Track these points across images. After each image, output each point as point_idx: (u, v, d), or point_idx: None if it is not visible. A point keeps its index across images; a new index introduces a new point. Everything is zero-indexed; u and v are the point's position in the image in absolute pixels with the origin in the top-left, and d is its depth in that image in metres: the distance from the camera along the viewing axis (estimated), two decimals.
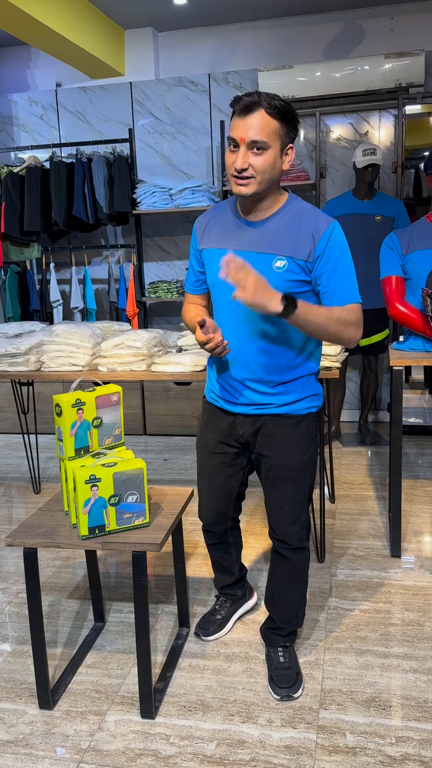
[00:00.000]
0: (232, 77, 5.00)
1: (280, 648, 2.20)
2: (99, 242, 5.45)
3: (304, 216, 1.89)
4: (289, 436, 2.02)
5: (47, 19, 4.05)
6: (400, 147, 4.56)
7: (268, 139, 1.77)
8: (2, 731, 2.00)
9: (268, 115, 1.76)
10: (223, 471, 2.18)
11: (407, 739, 1.89)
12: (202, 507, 2.29)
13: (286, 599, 2.17)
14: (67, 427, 2.07)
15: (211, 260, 1.99)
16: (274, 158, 1.81)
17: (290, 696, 2.07)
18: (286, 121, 1.79)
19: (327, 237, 1.85)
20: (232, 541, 2.37)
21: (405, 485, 3.82)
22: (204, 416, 2.20)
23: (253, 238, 1.91)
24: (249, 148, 1.78)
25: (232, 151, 1.81)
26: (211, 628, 2.42)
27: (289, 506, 2.07)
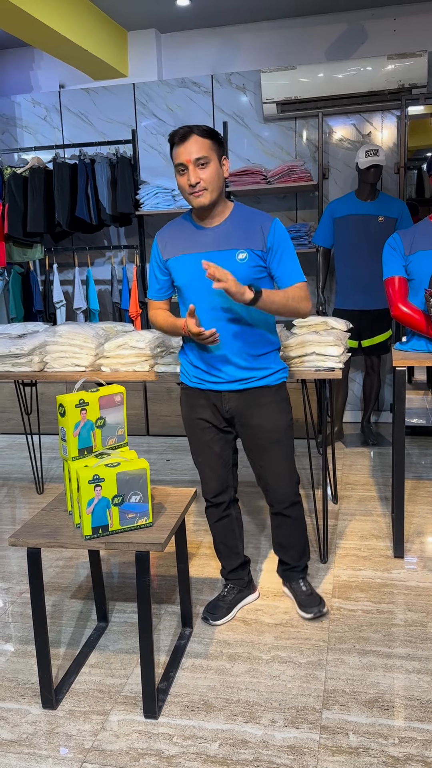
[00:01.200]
0: (234, 78, 5.00)
1: (300, 580, 2.61)
2: (102, 243, 5.46)
3: (251, 217, 2.29)
4: (272, 403, 2.38)
5: (50, 21, 4.06)
6: (402, 148, 4.56)
7: (208, 153, 2.16)
8: (6, 731, 2.01)
9: (200, 137, 2.15)
10: (217, 442, 2.44)
11: (410, 739, 1.89)
12: (205, 481, 2.51)
13: (295, 543, 2.56)
14: (70, 428, 2.08)
15: (179, 266, 2.31)
16: (216, 169, 2.19)
17: (321, 612, 2.50)
18: (216, 139, 2.19)
19: (273, 231, 2.25)
20: (235, 514, 2.57)
21: (408, 486, 3.82)
22: (188, 401, 2.45)
23: (213, 239, 2.26)
24: (195, 165, 2.16)
25: (182, 173, 2.18)
26: (218, 612, 2.51)
27: (284, 467, 2.43)
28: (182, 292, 2.34)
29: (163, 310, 2.46)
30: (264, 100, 4.78)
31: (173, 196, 4.86)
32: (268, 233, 2.24)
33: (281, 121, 4.97)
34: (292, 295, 2.26)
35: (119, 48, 5.09)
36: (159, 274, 2.41)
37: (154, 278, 2.42)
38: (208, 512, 2.56)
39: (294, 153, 5.01)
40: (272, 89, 4.72)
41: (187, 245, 2.29)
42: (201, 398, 2.40)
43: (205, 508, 2.58)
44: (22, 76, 5.59)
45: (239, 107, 5.04)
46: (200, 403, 2.41)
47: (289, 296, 2.25)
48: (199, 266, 2.25)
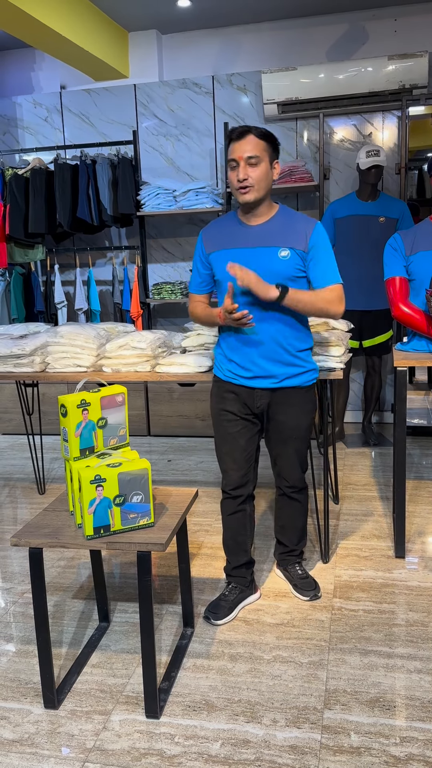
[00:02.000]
0: (235, 79, 5.01)
1: (297, 564, 2.75)
2: (103, 244, 5.47)
3: (295, 219, 2.39)
4: (300, 404, 2.49)
5: (51, 22, 4.07)
6: (403, 148, 4.56)
7: (260, 154, 2.26)
8: (8, 731, 2.01)
9: (256, 138, 2.26)
10: (243, 435, 2.51)
11: (412, 739, 1.90)
12: (226, 474, 2.56)
13: (296, 527, 2.70)
14: (72, 428, 2.08)
15: (221, 259, 2.40)
16: (266, 170, 2.30)
17: (317, 596, 2.64)
18: (271, 142, 2.30)
19: (315, 234, 2.35)
20: (249, 510, 2.61)
21: (409, 486, 3.82)
22: (219, 393, 2.53)
23: (257, 237, 2.36)
24: (246, 162, 2.26)
25: (233, 168, 2.29)
26: (220, 612, 2.52)
27: (298, 458, 2.58)
28: (221, 285, 2.43)
29: (202, 302, 2.57)
30: (265, 101, 4.78)
31: (174, 197, 4.86)
32: (311, 235, 2.34)
33: (282, 121, 4.97)
34: (323, 297, 2.35)
35: (120, 49, 5.10)
36: (201, 268, 2.50)
37: (197, 272, 2.53)
38: (224, 504, 2.60)
39: (295, 153, 5.02)
40: (273, 90, 4.72)
41: (230, 241, 2.39)
42: (232, 391, 2.49)
43: (221, 500, 2.62)
44: (24, 77, 5.60)
45: (240, 108, 5.05)
46: (230, 396, 2.49)
47: (318, 297, 2.34)
48: (239, 260, 2.35)
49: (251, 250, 2.35)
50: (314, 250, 2.34)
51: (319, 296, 2.34)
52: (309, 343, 2.51)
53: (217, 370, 2.56)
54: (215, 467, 4.34)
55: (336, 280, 2.37)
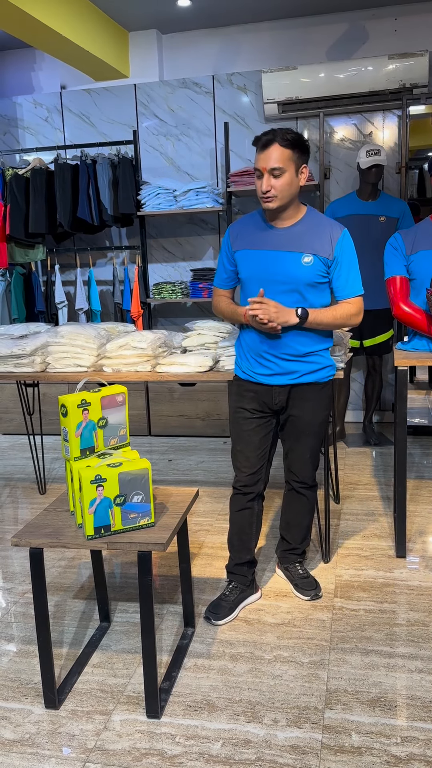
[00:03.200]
0: (236, 79, 5.01)
1: (298, 563, 2.75)
2: (104, 244, 5.47)
3: (322, 224, 2.38)
4: (316, 399, 2.51)
5: (51, 22, 4.07)
6: (404, 147, 4.56)
7: (284, 165, 2.26)
8: (8, 731, 2.01)
9: (281, 147, 2.25)
10: (258, 432, 2.53)
11: (413, 739, 1.89)
12: (239, 470, 2.58)
13: (301, 524, 2.70)
14: (72, 428, 2.08)
15: (245, 259, 2.43)
16: (291, 179, 2.29)
17: (317, 595, 2.64)
18: (298, 148, 2.28)
19: (341, 241, 2.36)
20: (257, 509, 2.62)
21: (410, 485, 3.82)
22: (238, 391, 2.57)
23: (281, 240, 2.37)
24: (270, 174, 2.27)
25: (259, 177, 2.31)
26: (221, 612, 2.51)
27: (310, 454, 2.59)
28: (244, 284, 2.47)
29: (226, 297, 2.59)
30: (265, 101, 4.78)
31: (174, 197, 4.86)
32: (337, 242, 2.35)
33: (282, 121, 4.97)
34: (343, 312, 2.39)
35: (120, 49, 5.10)
36: (227, 264, 2.52)
37: (222, 267, 2.55)
38: (233, 499, 2.61)
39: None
40: (273, 89, 4.72)
41: (256, 241, 2.40)
42: (250, 390, 2.51)
43: (231, 495, 2.63)
44: (24, 77, 5.60)
45: (240, 107, 5.05)
46: (249, 395, 2.52)
47: (337, 315, 2.38)
48: (262, 262, 2.37)
49: (275, 253, 2.36)
50: (339, 260, 2.36)
51: (338, 312, 2.38)
52: (329, 342, 2.52)
53: (237, 368, 2.59)
54: (216, 467, 4.34)
55: (358, 292, 2.40)
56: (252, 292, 2.42)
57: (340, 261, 2.36)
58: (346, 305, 2.41)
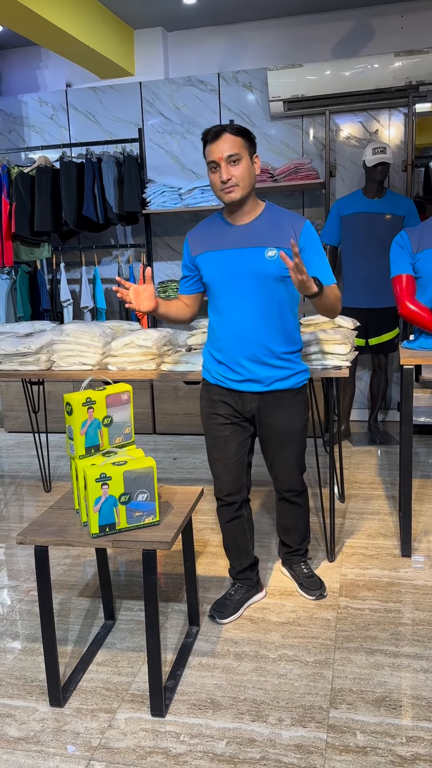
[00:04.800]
0: (241, 76, 5.00)
1: (302, 563, 2.72)
2: (109, 242, 5.47)
3: (283, 216, 2.31)
4: (291, 406, 2.43)
5: (57, 20, 4.07)
6: (410, 145, 4.54)
7: (239, 151, 2.20)
8: (13, 728, 2.01)
9: (232, 135, 2.19)
10: (235, 439, 2.46)
11: (418, 738, 1.89)
12: (218, 479, 2.51)
13: (297, 527, 2.67)
14: (77, 426, 2.08)
15: (206, 262, 2.35)
16: (248, 165, 2.23)
17: (322, 595, 2.62)
18: (247, 138, 2.23)
19: (305, 231, 2.28)
20: (246, 515, 2.57)
21: (415, 484, 3.81)
22: (207, 396, 2.48)
23: (243, 237, 2.30)
24: (227, 162, 2.19)
25: (214, 171, 2.22)
26: (226, 611, 2.50)
27: (294, 461, 2.52)
28: (210, 288, 2.38)
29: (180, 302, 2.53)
30: (271, 98, 4.77)
31: (180, 195, 4.86)
32: (300, 233, 2.26)
33: (288, 119, 4.96)
34: (335, 294, 2.33)
35: (126, 46, 5.09)
36: (185, 270, 2.48)
37: (183, 273, 2.51)
38: (220, 511, 2.56)
39: (301, 151, 5.00)
40: (279, 87, 4.71)
41: (216, 242, 2.33)
42: (221, 395, 2.43)
43: (216, 507, 2.58)
44: (29, 75, 5.60)
45: (246, 105, 5.04)
46: (219, 399, 2.44)
47: (334, 293, 2.33)
48: (226, 262, 2.30)
49: (237, 251, 2.28)
50: (306, 248, 2.27)
51: (334, 293, 2.32)
52: (298, 344, 2.45)
53: (205, 372, 2.50)
54: None
55: (333, 280, 2.33)
56: (219, 295, 2.34)
57: (308, 249, 2.27)
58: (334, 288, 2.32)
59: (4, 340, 3.25)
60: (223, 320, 2.35)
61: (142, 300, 2.30)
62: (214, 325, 2.41)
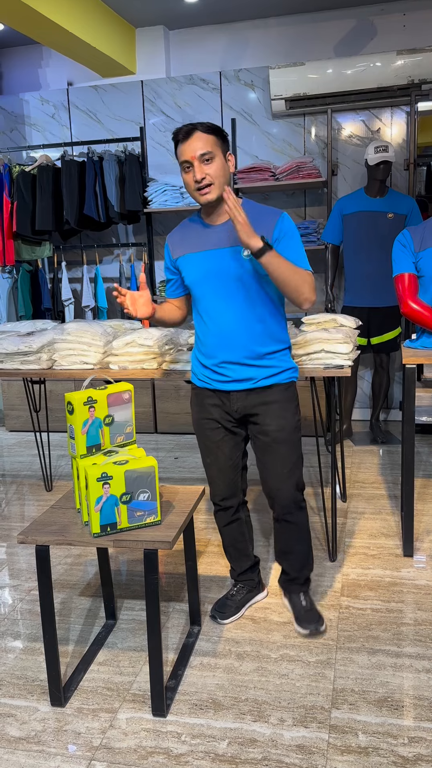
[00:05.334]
0: (243, 75, 4.99)
1: (301, 593, 2.48)
2: (110, 241, 5.46)
3: (260, 213, 2.24)
4: (281, 401, 2.32)
5: (59, 18, 4.06)
6: (412, 144, 4.53)
7: (212, 149, 2.14)
8: (14, 728, 2.01)
9: (204, 133, 2.14)
10: (227, 442, 2.40)
11: (420, 739, 1.88)
12: (213, 483, 2.47)
13: (296, 553, 2.45)
14: (79, 425, 2.08)
15: (186, 264, 2.31)
16: (222, 164, 2.17)
17: (318, 630, 2.38)
18: (219, 135, 2.17)
19: (281, 224, 2.21)
20: (244, 517, 2.53)
21: (417, 484, 3.80)
22: (197, 401, 2.42)
23: (220, 237, 2.24)
24: (200, 161, 2.13)
25: (187, 171, 2.17)
26: (227, 611, 2.50)
27: (287, 468, 2.34)
28: (192, 290, 2.34)
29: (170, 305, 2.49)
30: (272, 97, 4.75)
31: (181, 194, 4.85)
32: (275, 226, 2.20)
33: (290, 117, 4.95)
34: (300, 274, 2.18)
35: (127, 45, 5.08)
36: (168, 273, 2.45)
37: (166, 277, 2.48)
38: (217, 516, 2.52)
39: (303, 149, 4.99)
40: (281, 85, 4.70)
41: (194, 243, 2.29)
42: (210, 398, 2.37)
43: (213, 512, 2.54)
44: (31, 73, 5.59)
45: (247, 104, 5.03)
46: (209, 402, 2.38)
47: (297, 271, 2.17)
48: (206, 264, 2.25)
49: (214, 252, 2.23)
50: (282, 241, 2.20)
51: (297, 271, 2.17)
52: (284, 343, 2.36)
53: (193, 376, 2.44)
54: None
55: (307, 268, 2.22)
56: (200, 297, 2.29)
57: (282, 238, 2.19)
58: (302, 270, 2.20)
59: (6, 339, 3.25)
60: (205, 323, 2.31)
61: (139, 306, 2.26)
62: (197, 328, 2.37)
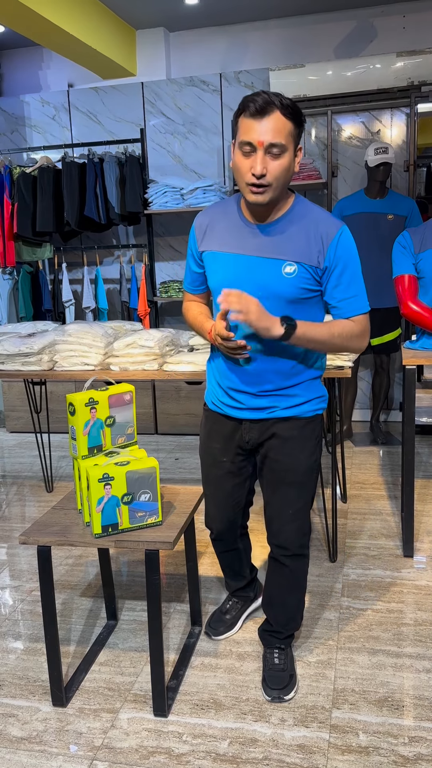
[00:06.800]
0: (243, 77, 5.00)
1: (276, 650, 2.17)
2: (111, 242, 5.47)
3: (313, 219, 1.86)
4: (296, 438, 1.99)
5: (59, 20, 4.07)
6: (412, 145, 4.54)
7: (286, 141, 1.73)
8: (16, 728, 2.01)
9: (283, 117, 1.70)
10: (230, 480, 2.13)
11: (420, 739, 1.89)
12: (209, 516, 2.24)
13: (284, 605, 2.15)
14: (80, 426, 2.08)
15: (214, 263, 1.94)
16: (290, 162, 1.77)
17: (281, 698, 2.06)
18: (297, 122, 1.75)
19: (336, 243, 1.83)
20: (242, 547, 2.35)
21: (417, 485, 3.81)
22: (207, 425, 2.15)
23: (261, 242, 1.86)
24: (266, 152, 1.72)
25: (247, 154, 1.74)
26: (221, 627, 2.42)
27: (292, 510, 2.04)
28: (215, 296, 1.98)
29: (197, 303, 2.14)
30: None
31: (182, 195, 4.86)
32: (329, 246, 1.82)
33: None
34: (341, 332, 1.86)
35: (128, 47, 5.09)
36: (194, 265, 2.05)
37: (189, 269, 2.08)
38: (213, 544, 2.32)
39: (303, 151, 5.00)
40: (281, 87, 4.70)
41: (228, 241, 1.90)
42: (220, 425, 2.09)
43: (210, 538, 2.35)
44: (32, 75, 5.60)
45: None
46: (218, 430, 2.10)
47: (335, 333, 1.85)
48: (233, 270, 1.88)
49: (249, 258, 1.86)
50: (334, 268, 1.84)
51: (338, 329, 1.86)
52: (320, 369, 2.03)
53: (206, 395, 2.14)
54: None
55: (364, 309, 1.88)
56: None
57: (336, 269, 1.83)
58: (349, 323, 1.88)
59: (7, 341, 3.25)
60: None
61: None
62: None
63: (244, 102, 1.72)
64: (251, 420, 2.01)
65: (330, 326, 1.86)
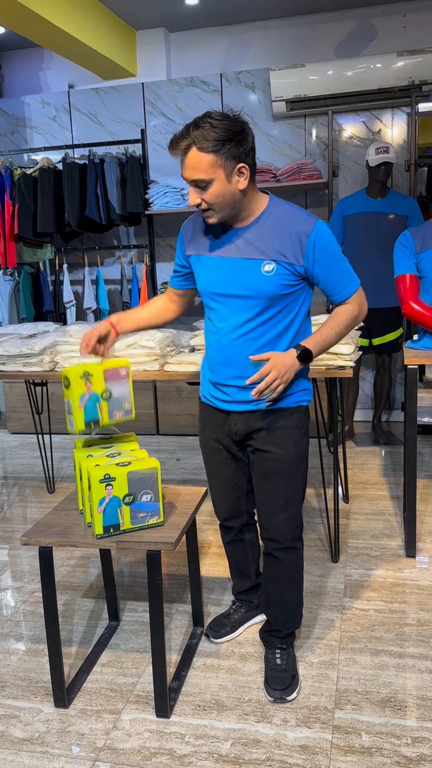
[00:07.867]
0: (244, 77, 4.99)
1: (278, 650, 2.19)
2: (111, 243, 5.47)
3: (288, 218, 1.93)
4: (282, 428, 2.07)
5: (59, 21, 4.07)
6: (413, 145, 4.54)
7: (206, 174, 1.80)
8: (18, 729, 2.01)
9: (200, 152, 1.77)
10: (228, 465, 2.23)
11: (423, 739, 1.88)
12: (215, 503, 2.34)
13: (282, 602, 2.18)
14: (76, 399, 2.03)
15: (199, 266, 2.06)
16: (223, 187, 1.82)
17: (283, 699, 2.07)
18: (223, 150, 1.77)
19: (313, 241, 1.90)
20: (248, 539, 2.39)
21: (419, 485, 3.80)
22: (202, 416, 2.26)
23: (239, 244, 1.96)
24: (193, 186, 1.84)
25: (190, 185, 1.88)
26: (222, 630, 2.42)
27: (282, 500, 2.09)
28: (203, 299, 2.10)
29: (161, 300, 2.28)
30: (273, 99, 4.76)
31: (182, 195, 4.86)
32: (307, 244, 1.90)
33: (291, 119, 4.95)
34: (345, 319, 2.00)
35: (128, 47, 5.09)
36: (178, 262, 2.18)
37: (176, 266, 2.21)
38: (221, 531, 2.40)
39: (304, 151, 5.00)
40: (281, 87, 4.70)
41: (210, 244, 2.01)
42: (212, 417, 2.19)
43: (219, 526, 2.42)
44: (32, 76, 5.61)
45: (248, 106, 5.03)
46: (212, 422, 2.19)
47: (341, 325, 1.99)
48: (216, 272, 1.99)
49: (229, 260, 1.95)
50: (318, 262, 1.92)
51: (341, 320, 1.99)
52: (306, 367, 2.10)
53: (201, 388, 2.25)
54: None
55: (356, 285, 2.00)
56: (210, 308, 2.05)
57: (320, 262, 1.91)
58: (346, 308, 2.00)
59: (8, 342, 3.25)
60: (213, 338, 2.07)
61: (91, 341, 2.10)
62: (206, 336, 2.14)
63: (170, 142, 1.83)
64: (238, 412, 2.09)
65: (332, 322, 2.00)
